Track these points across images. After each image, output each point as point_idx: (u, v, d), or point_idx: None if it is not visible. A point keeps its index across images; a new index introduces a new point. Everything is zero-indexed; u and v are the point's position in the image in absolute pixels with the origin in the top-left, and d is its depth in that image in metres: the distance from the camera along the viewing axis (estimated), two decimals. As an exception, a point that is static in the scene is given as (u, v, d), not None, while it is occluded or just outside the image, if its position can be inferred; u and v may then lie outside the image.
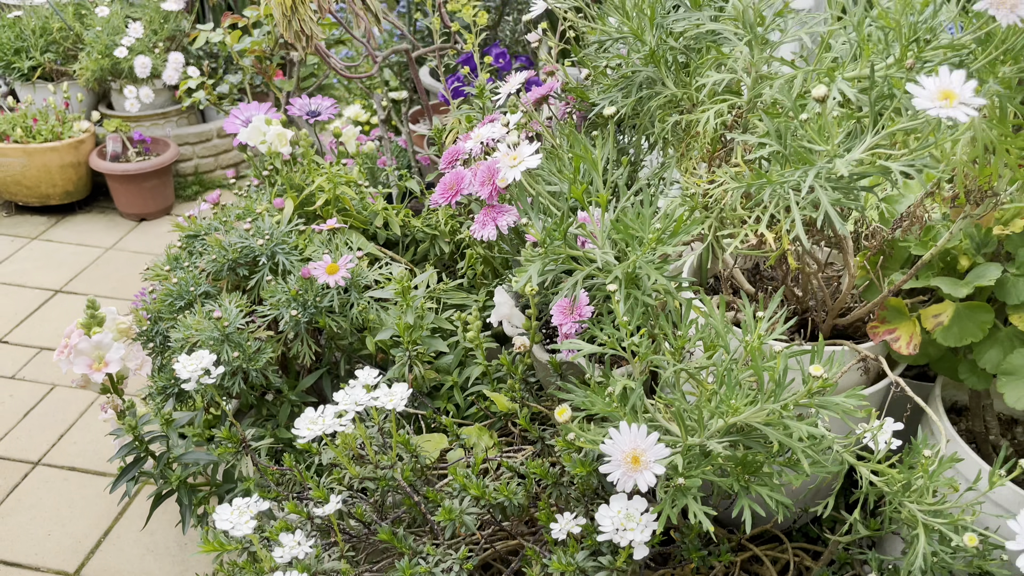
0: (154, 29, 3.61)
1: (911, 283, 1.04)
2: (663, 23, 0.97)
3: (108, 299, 3.17)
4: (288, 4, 1.39)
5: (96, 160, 3.61)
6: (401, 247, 1.71)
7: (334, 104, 1.61)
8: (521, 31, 2.81)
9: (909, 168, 0.77)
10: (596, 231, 0.97)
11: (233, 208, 1.59)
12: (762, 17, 0.85)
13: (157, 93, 3.74)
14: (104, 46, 3.50)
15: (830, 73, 0.79)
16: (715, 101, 0.89)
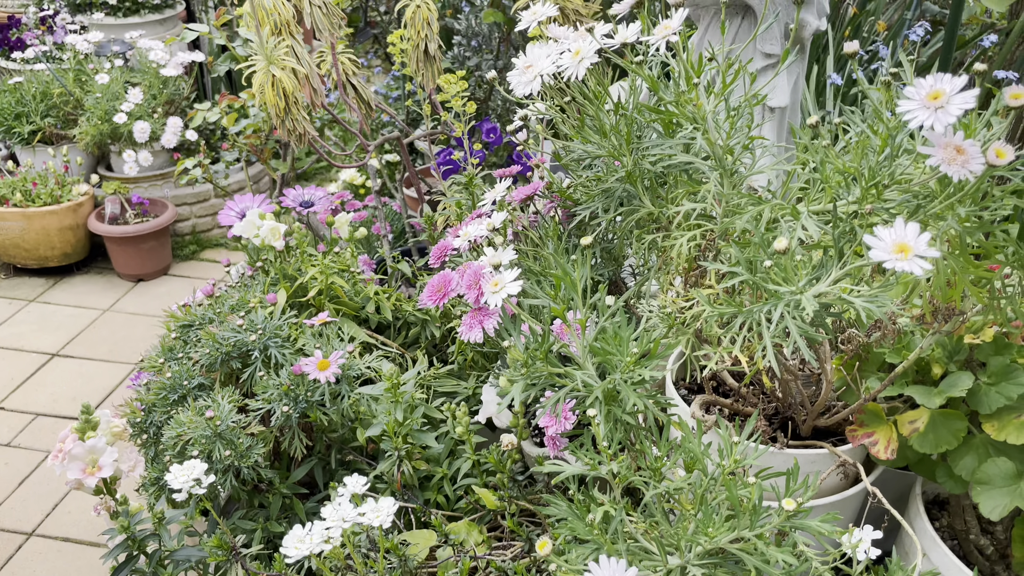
0: (153, 94, 3.68)
1: (887, 391, 1.07)
2: (639, 147, 1.01)
3: (104, 362, 3.19)
4: (281, 107, 1.44)
5: (94, 223, 3.66)
6: (393, 331, 1.74)
7: (327, 195, 1.65)
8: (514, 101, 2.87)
9: (872, 304, 0.80)
10: (576, 345, 1.00)
11: (227, 296, 1.62)
12: (731, 150, 0.89)
13: (156, 155, 3.80)
14: (104, 111, 3.56)
15: (794, 212, 0.82)
16: (689, 227, 0.92)
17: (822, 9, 1.47)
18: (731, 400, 1.24)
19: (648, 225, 1.05)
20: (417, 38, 1.71)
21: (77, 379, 3.11)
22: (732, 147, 0.89)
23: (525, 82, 1.03)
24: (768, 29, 1.43)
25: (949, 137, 0.72)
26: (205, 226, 4.09)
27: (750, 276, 0.87)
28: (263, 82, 1.43)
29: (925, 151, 0.74)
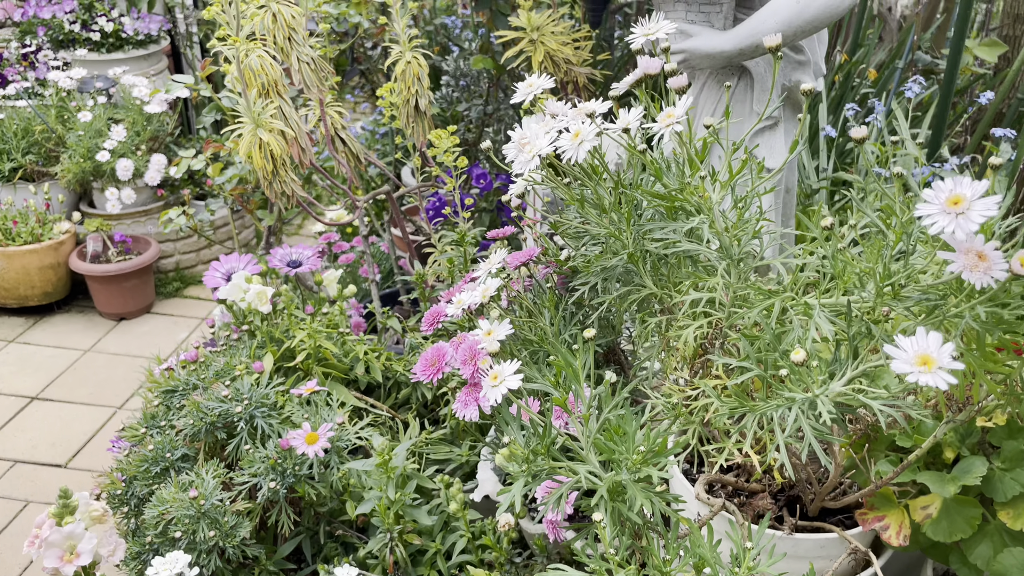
0: (137, 131, 3.63)
1: (899, 477, 1.03)
2: (640, 226, 0.98)
3: (85, 406, 3.12)
4: (269, 170, 1.40)
5: (76, 261, 3.59)
6: (383, 391, 1.69)
7: (316, 254, 1.61)
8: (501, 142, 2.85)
9: (890, 408, 0.76)
10: (578, 432, 0.96)
11: (211, 359, 1.57)
12: (738, 240, 0.86)
13: (139, 191, 3.75)
14: (86, 149, 3.51)
15: (807, 311, 0.79)
16: (695, 316, 0.89)
17: (818, 70, 1.45)
18: (735, 476, 1.20)
19: (650, 306, 1.02)
20: (408, 93, 1.67)
21: (57, 423, 3.03)
22: (739, 236, 0.86)
23: (523, 161, 1.00)
24: (764, 90, 1.41)
25: (970, 242, 0.70)
26: (189, 262, 4.03)
27: (761, 372, 0.83)
28: (250, 145, 1.39)
29: (945, 256, 0.71)
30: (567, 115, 1.03)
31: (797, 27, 1.27)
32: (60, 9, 3.74)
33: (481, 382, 1.21)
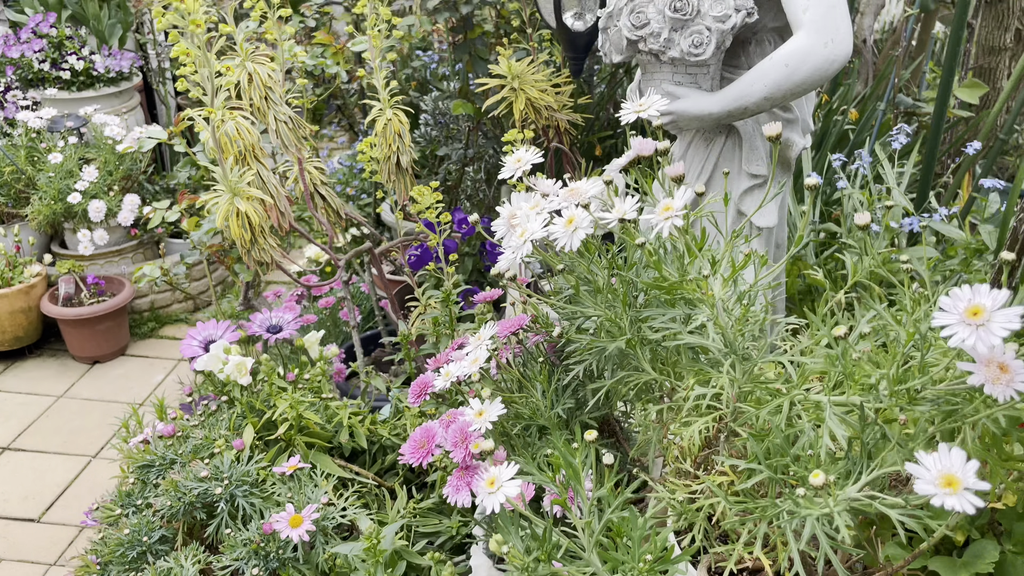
0: (109, 170, 3.56)
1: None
2: (637, 312, 0.94)
3: (58, 455, 3.03)
4: (247, 239, 1.35)
5: (48, 305, 3.50)
6: (368, 456, 1.64)
7: (296, 318, 1.56)
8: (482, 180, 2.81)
9: (909, 518, 0.73)
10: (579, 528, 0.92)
11: (190, 431, 1.51)
12: (742, 334, 0.82)
13: (112, 231, 3.67)
14: (57, 190, 3.43)
15: (818, 415, 0.76)
16: (700, 412, 0.85)
17: (806, 127, 1.43)
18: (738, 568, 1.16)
19: (650, 391, 0.98)
20: (389, 151, 1.63)
21: (29, 474, 2.94)
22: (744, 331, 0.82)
23: (515, 247, 0.96)
24: (753, 149, 1.39)
25: (991, 352, 0.67)
26: (164, 301, 3.94)
27: (772, 475, 0.80)
28: (227, 214, 1.34)
29: (965, 368, 0.68)
30: (558, 195, 1.00)
31: (786, 90, 1.25)
32: (29, 48, 3.66)
33: (473, 466, 1.17)
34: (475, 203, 2.98)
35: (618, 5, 1.32)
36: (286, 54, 1.72)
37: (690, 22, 1.25)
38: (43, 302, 3.50)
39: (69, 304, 3.52)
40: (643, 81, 1.40)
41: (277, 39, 1.66)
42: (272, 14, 1.61)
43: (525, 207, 1.01)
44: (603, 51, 1.38)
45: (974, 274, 1.50)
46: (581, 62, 1.93)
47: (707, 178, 1.43)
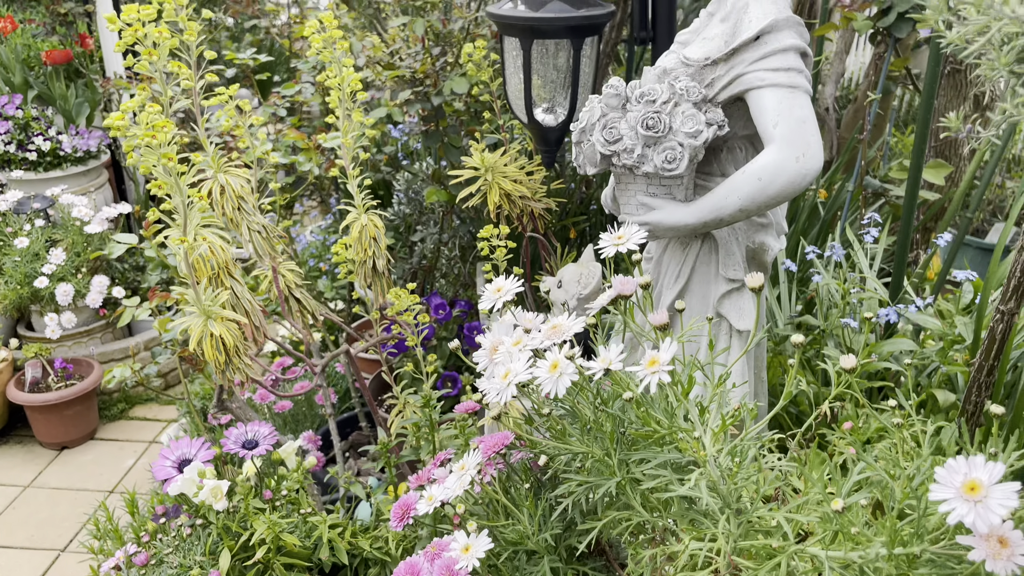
0: (77, 251, 3.50)
1: None
2: (627, 452, 0.92)
3: (25, 550, 2.93)
4: (222, 360, 1.32)
5: (13, 391, 3.41)
6: (350, 571, 1.59)
7: (273, 432, 1.52)
8: (457, 258, 2.80)
9: None
10: None
11: (165, 556, 1.45)
12: (735, 487, 0.81)
13: (80, 311, 3.60)
14: (23, 275, 3.36)
15: (815, 566, 0.74)
16: (695, 567, 0.83)
17: (780, 228, 1.44)
18: None
19: (643, 530, 0.96)
20: (365, 255, 1.62)
21: (-6, 575, 2.83)
22: (738, 486, 0.81)
23: (499, 389, 0.94)
24: (730, 255, 1.39)
25: (991, 527, 0.66)
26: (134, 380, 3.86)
27: (769, 636, 0.77)
28: (201, 336, 1.31)
29: (965, 543, 0.67)
30: (540, 330, 0.99)
31: (760, 203, 1.26)
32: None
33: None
34: (450, 280, 2.97)
35: (590, 121, 1.33)
36: (259, 151, 1.71)
37: (662, 139, 1.26)
38: (9, 388, 3.41)
39: (36, 389, 3.44)
40: (618, 190, 1.40)
41: (249, 144, 1.65)
42: (245, 120, 1.61)
43: (508, 342, 1.00)
44: (577, 163, 1.39)
45: (952, 366, 1.50)
46: (553, 154, 1.94)
47: (684, 282, 1.43)
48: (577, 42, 1.76)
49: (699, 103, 1.29)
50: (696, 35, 1.42)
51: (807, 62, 1.30)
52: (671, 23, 1.82)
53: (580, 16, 1.72)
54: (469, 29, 2.18)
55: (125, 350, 3.77)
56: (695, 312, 1.43)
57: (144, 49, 1.21)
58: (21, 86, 3.87)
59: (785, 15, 1.28)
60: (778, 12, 1.28)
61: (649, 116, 1.26)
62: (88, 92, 3.97)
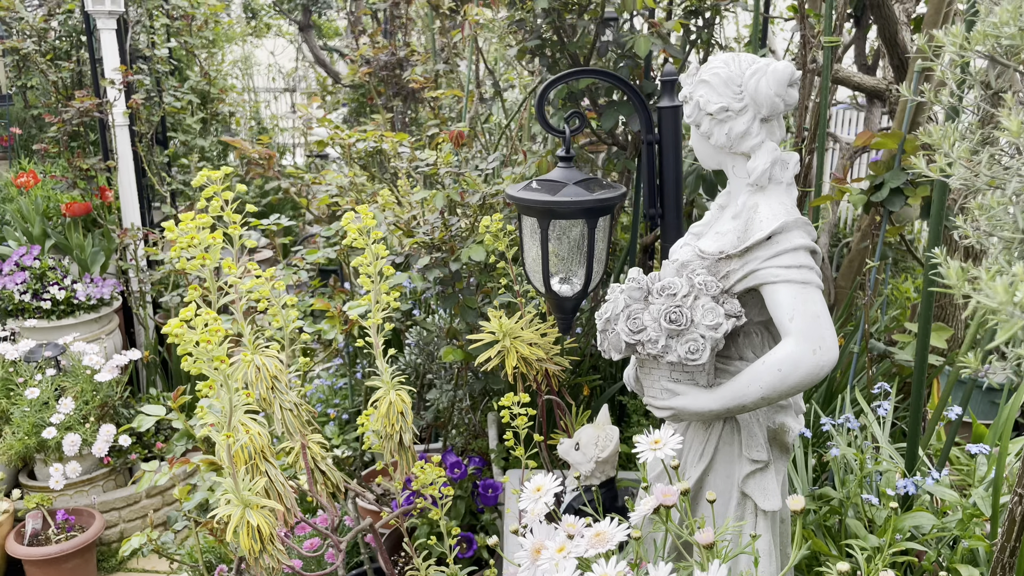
0: (85, 400, 3.52)
1: None
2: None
3: None
4: (257, 550, 1.34)
5: (13, 544, 3.35)
6: None
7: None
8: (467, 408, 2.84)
9: None
10: None
11: None
12: None
13: (84, 459, 3.58)
14: (31, 425, 3.36)
15: None
16: None
17: (799, 409, 1.50)
18: None
19: None
20: (391, 430, 1.66)
21: None
22: None
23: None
24: (752, 436, 1.44)
25: None
26: (134, 530, 3.80)
27: None
28: (237, 525, 1.34)
29: None
30: (583, 536, 1.02)
31: (781, 392, 1.32)
32: (11, 280, 3.72)
33: None
34: (460, 430, 2.99)
35: (615, 311, 1.41)
36: (291, 328, 1.78)
37: (685, 331, 1.34)
38: (9, 541, 3.34)
39: (36, 541, 3.37)
40: (641, 373, 1.47)
41: (283, 323, 1.72)
42: (278, 306, 1.68)
43: (552, 547, 1.03)
44: (602, 348, 1.46)
45: (973, 539, 1.53)
46: (569, 321, 2.02)
47: (708, 461, 1.47)
48: (592, 221, 1.87)
49: (717, 296, 1.38)
50: (708, 228, 1.52)
51: (816, 258, 1.39)
52: (678, 201, 1.94)
53: (594, 199, 1.84)
54: (485, 201, 2.31)
55: (127, 499, 3.73)
56: (719, 491, 1.47)
57: (199, 254, 1.30)
58: (39, 237, 4.00)
59: (794, 217, 1.38)
60: (787, 214, 1.38)
61: (671, 310, 1.34)
62: (104, 241, 4.10)
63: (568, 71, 1.90)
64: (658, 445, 1.07)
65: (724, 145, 1.45)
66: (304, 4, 6.85)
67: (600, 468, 2.03)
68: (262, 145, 3.10)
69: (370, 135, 2.88)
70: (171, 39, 4.94)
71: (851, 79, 3.15)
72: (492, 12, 3.65)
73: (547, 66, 2.40)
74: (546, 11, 2.30)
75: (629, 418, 2.65)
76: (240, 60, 6.99)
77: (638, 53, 2.16)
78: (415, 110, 4.21)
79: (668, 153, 1.92)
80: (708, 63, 1.47)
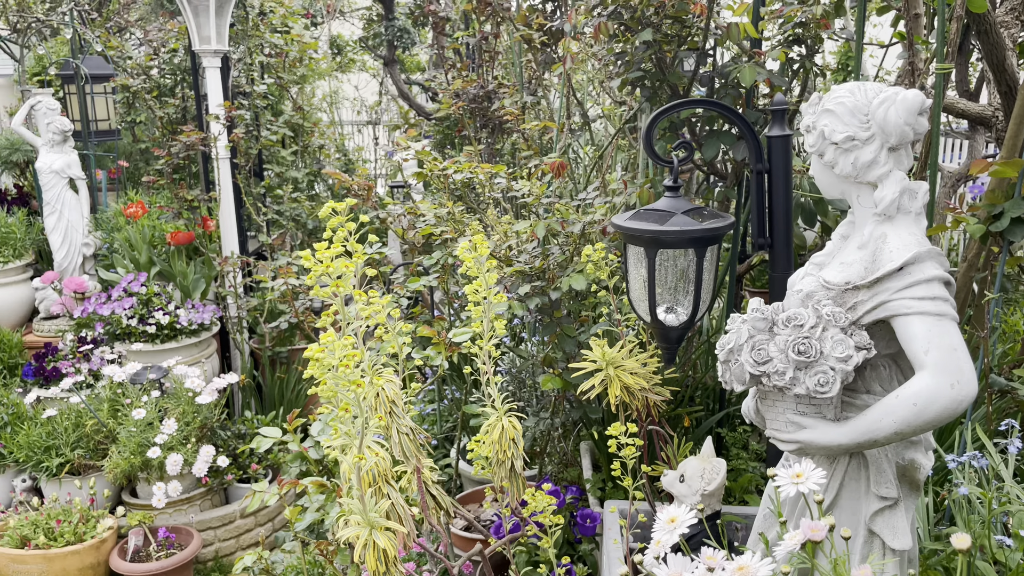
0: (187, 421, 3.65)
1: None
2: None
3: None
4: (381, 571, 1.36)
5: (116, 560, 3.48)
6: None
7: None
8: (560, 436, 2.83)
9: None
10: None
11: None
12: None
13: (183, 478, 3.71)
14: (137, 444, 3.51)
15: None
16: None
17: (928, 444, 1.46)
18: None
19: None
20: (504, 456, 1.68)
21: None
22: None
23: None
24: (881, 472, 1.41)
25: None
26: (228, 550, 3.90)
27: None
28: (364, 547, 1.37)
29: None
30: (724, 569, 1.01)
31: (916, 427, 1.29)
32: (120, 306, 3.90)
33: None
34: (553, 459, 2.99)
35: (738, 342, 1.40)
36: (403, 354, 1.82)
37: (814, 363, 1.32)
38: (112, 557, 3.47)
39: (137, 557, 3.49)
40: (763, 406, 1.45)
41: (397, 349, 1.76)
42: (393, 332, 1.73)
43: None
44: (723, 379, 1.45)
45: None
46: (674, 352, 2.01)
47: (833, 496, 1.44)
48: (700, 251, 1.87)
49: (846, 328, 1.35)
50: (831, 258, 1.50)
51: (950, 290, 1.36)
52: (788, 230, 1.92)
53: (703, 229, 1.84)
54: (584, 230, 2.32)
55: (222, 518, 3.83)
56: (846, 528, 1.43)
57: (332, 282, 1.35)
58: (146, 264, 4.19)
59: (926, 248, 1.35)
60: (919, 245, 1.36)
61: (800, 341, 1.33)
62: (205, 268, 4.27)
63: (679, 100, 1.92)
64: (800, 479, 1.06)
65: (849, 174, 1.43)
66: (389, 40, 7.06)
67: (706, 501, 2.00)
68: (361, 177, 3.20)
69: (466, 166, 2.94)
70: (265, 76, 5.16)
71: (955, 106, 3.07)
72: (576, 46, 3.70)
73: (647, 97, 2.41)
74: (647, 43, 2.32)
75: (728, 451, 2.61)
76: (328, 95, 7.24)
77: (743, 83, 2.15)
78: (501, 141, 4.29)
79: (778, 182, 1.91)
80: (831, 92, 1.46)
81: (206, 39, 3.99)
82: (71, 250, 4.34)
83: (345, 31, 8.41)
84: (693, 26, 2.38)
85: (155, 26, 5.16)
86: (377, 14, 7.24)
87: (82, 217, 4.34)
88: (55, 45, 5.64)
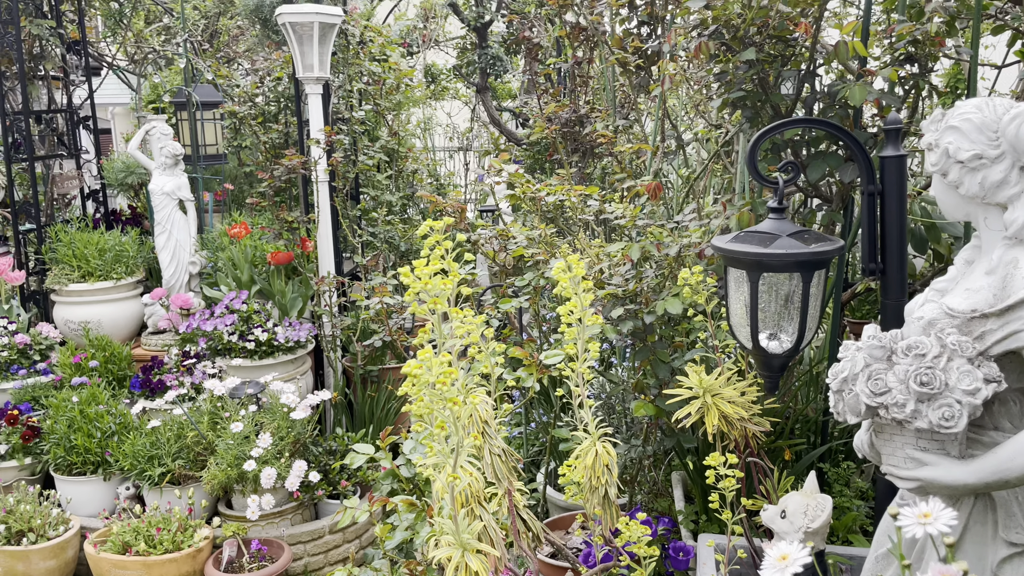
0: (281, 436, 3.74)
1: None
2: None
3: None
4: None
5: (211, 570, 3.57)
6: None
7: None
8: (649, 466, 2.76)
9: None
10: None
11: None
12: None
13: (276, 492, 3.78)
14: (234, 457, 3.61)
15: None
16: None
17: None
18: None
19: None
20: (597, 482, 1.64)
21: None
22: None
23: None
24: (1011, 516, 1.30)
25: None
26: (316, 564, 3.96)
27: None
28: (456, 568, 1.35)
29: None
30: None
31: (1053, 466, 1.19)
32: (222, 322, 4.04)
33: None
34: (642, 488, 2.91)
35: (852, 371, 1.33)
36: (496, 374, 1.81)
37: (938, 395, 1.23)
38: (207, 567, 3.56)
39: (231, 568, 3.58)
40: (879, 440, 1.36)
41: (490, 369, 1.75)
42: (487, 352, 1.71)
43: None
44: (836, 410, 1.37)
45: None
46: (776, 380, 1.92)
47: (956, 540, 1.34)
48: (807, 275, 1.79)
49: (972, 358, 1.26)
50: (954, 283, 1.41)
51: (1091, 320, 1.25)
52: (902, 255, 1.82)
53: (810, 252, 1.76)
54: (680, 253, 2.27)
55: (311, 533, 3.89)
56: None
57: (430, 299, 1.35)
58: (247, 282, 4.34)
59: (1064, 273, 1.25)
60: (1055, 270, 1.26)
61: (923, 372, 1.24)
62: (302, 287, 4.39)
63: (787, 119, 1.85)
64: (928, 519, 0.98)
65: (976, 195, 1.34)
66: (482, 68, 7.17)
67: (809, 539, 1.89)
68: (453, 200, 3.24)
69: (558, 188, 2.93)
70: (363, 102, 5.31)
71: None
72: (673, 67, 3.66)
73: (748, 118, 2.35)
74: (749, 63, 2.26)
75: (830, 487, 2.48)
76: (421, 121, 7.39)
77: (852, 102, 2.07)
78: (592, 165, 4.27)
79: (891, 204, 1.81)
80: (956, 108, 1.37)
81: (309, 67, 4.13)
82: (178, 268, 4.54)
83: (439, 59, 8.60)
84: (797, 45, 2.31)
85: (261, 56, 5.40)
86: (471, 43, 7.38)
87: (189, 237, 4.55)
88: (169, 75, 5.96)
